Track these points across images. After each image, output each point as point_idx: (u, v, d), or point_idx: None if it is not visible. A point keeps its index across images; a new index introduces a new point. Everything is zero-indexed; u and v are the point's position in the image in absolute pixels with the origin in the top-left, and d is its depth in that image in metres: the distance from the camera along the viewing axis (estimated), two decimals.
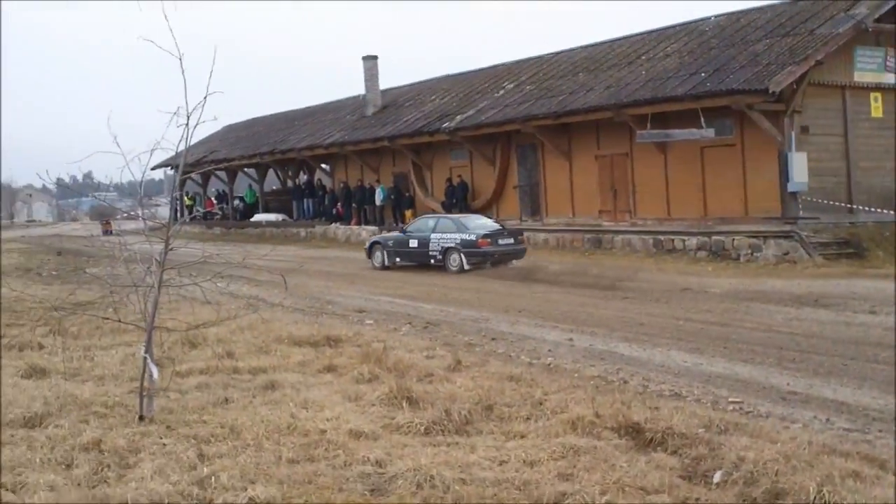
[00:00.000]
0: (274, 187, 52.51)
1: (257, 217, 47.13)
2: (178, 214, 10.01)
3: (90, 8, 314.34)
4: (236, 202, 51.25)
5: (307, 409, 7.73)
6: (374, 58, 42.61)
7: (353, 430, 7.03)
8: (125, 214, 19.50)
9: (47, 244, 42.48)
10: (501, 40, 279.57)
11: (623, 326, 13.05)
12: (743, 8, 29.25)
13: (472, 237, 23.33)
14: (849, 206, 24.23)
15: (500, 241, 23.65)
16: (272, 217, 46.03)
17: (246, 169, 49.74)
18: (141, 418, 7.41)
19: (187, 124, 7.51)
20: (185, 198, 46.88)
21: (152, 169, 9.62)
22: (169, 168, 46.23)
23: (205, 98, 7.50)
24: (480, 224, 24.66)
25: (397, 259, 25.21)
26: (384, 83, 43.04)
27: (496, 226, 24.83)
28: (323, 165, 46.53)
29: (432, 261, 24.05)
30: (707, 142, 24.85)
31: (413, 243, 24.68)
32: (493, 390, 8.25)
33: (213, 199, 52.56)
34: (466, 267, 22.99)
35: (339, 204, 41.29)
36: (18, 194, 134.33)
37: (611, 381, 9.35)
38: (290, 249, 32.80)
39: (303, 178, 48.35)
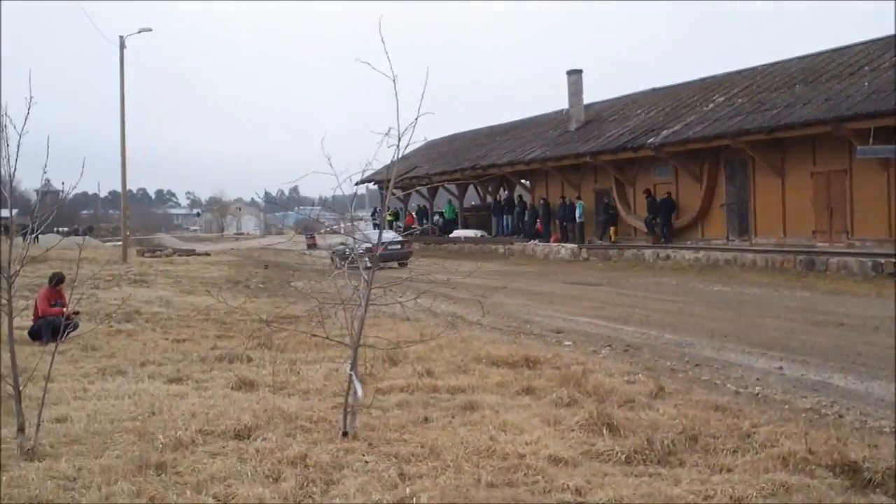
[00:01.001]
0: (473, 202, 53.03)
1: (456, 233, 47.65)
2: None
3: (312, 34, 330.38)
4: (436, 217, 52.03)
5: (506, 431, 7.65)
6: (579, 72, 42.19)
7: (553, 455, 6.91)
8: (328, 229, 20.47)
9: (255, 257, 44.65)
10: (712, 50, 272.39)
11: (838, 356, 12.26)
12: None
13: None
14: None
15: (390, 247, 32.50)
16: (471, 233, 46.41)
17: (446, 184, 50.49)
18: (344, 434, 7.55)
19: (398, 146, 7.64)
20: (387, 213, 48.13)
21: (356, 184, 9.89)
22: (372, 183, 47.68)
23: (416, 119, 7.62)
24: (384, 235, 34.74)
25: (340, 262, 34.08)
26: (588, 97, 42.62)
27: (397, 237, 33.38)
28: (523, 181, 46.54)
29: None
30: None
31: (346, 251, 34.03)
32: (697, 420, 7.93)
33: (413, 214, 53.70)
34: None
35: (538, 220, 41.20)
36: (229, 208, 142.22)
37: (825, 415, 8.82)
38: (489, 266, 33.04)
39: (502, 193, 48.58)
